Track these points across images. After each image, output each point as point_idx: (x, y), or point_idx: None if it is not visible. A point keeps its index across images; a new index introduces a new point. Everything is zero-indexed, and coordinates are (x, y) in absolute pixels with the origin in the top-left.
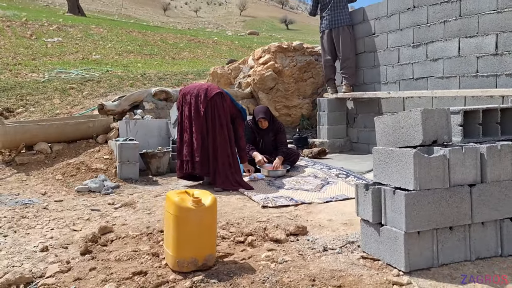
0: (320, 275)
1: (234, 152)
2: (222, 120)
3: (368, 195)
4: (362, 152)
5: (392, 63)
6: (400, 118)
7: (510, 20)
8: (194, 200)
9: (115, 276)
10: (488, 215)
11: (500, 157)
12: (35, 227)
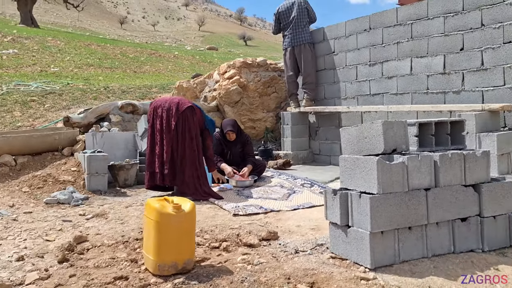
0: (294, 274)
1: (202, 164)
2: (192, 133)
3: (336, 199)
4: (324, 163)
5: (350, 80)
6: (363, 129)
7: (456, 43)
8: (174, 206)
9: (96, 281)
10: (442, 216)
11: (451, 164)
12: (6, 238)
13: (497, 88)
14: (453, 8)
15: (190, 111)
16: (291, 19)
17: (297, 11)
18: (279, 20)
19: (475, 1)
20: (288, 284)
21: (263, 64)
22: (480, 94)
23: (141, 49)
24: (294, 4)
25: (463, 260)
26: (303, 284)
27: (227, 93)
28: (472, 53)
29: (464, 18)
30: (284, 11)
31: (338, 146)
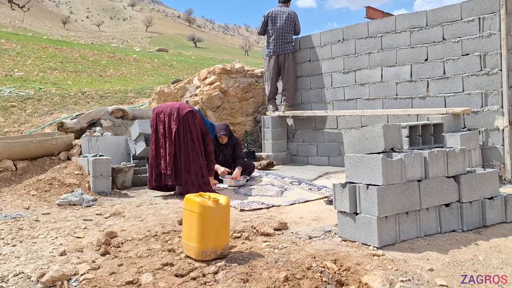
0: (318, 254)
1: (205, 164)
2: (194, 135)
3: (345, 191)
4: (302, 164)
5: (326, 86)
6: (364, 132)
7: (421, 54)
8: (214, 200)
9: (147, 267)
10: (431, 202)
11: (437, 159)
12: (37, 237)
13: (457, 94)
14: (418, 23)
15: (191, 115)
16: (278, 26)
17: (286, 20)
18: (266, 23)
19: (437, 18)
20: (316, 261)
21: (241, 71)
22: (443, 99)
23: (99, 52)
24: (285, 13)
25: (449, 238)
26: (328, 261)
27: (209, 98)
28: (435, 64)
29: (428, 32)
30: (274, 16)
31: (315, 147)
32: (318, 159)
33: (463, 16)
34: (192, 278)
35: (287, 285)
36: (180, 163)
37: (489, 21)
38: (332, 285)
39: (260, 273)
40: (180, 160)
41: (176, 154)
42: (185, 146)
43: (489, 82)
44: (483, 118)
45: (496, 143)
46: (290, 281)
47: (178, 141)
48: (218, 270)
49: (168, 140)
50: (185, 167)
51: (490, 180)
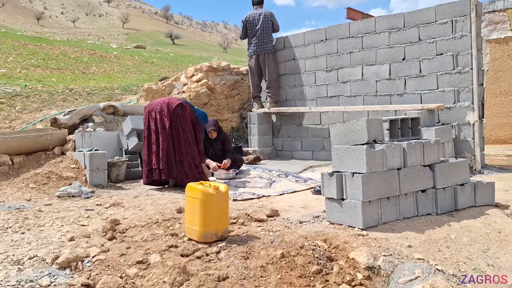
0: (309, 235)
1: (198, 155)
2: (185, 127)
3: (332, 179)
4: (287, 158)
5: (310, 84)
6: (350, 125)
7: (399, 54)
8: (214, 187)
9: (153, 249)
10: (409, 188)
11: (414, 150)
12: (44, 225)
13: (432, 91)
14: (396, 25)
15: (180, 108)
16: (257, 28)
17: (263, 22)
18: (246, 27)
19: (414, 20)
20: (307, 241)
21: (227, 68)
22: (419, 96)
23: (79, 49)
24: (261, 15)
25: (425, 220)
26: (319, 241)
27: (197, 95)
28: (412, 63)
29: (405, 33)
30: (252, 20)
31: (299, 142)
32: (303, 153)
33: (437, 19)
34: (197, 257)
35: (283, 261)
36: (174, 156)
37: (461, 23)
38: (323, 260)
39: (258, 252)
40: (173, 153)
41: (169, 149)
42: (177, 139)
43: (461, 80)
44: (456, 113)
45: (467, 136)
46: (286, 258)
47: (170, 135)
48: (220, 250)
49: (161, 136)
50: (179, 158)
51: (461, 168)
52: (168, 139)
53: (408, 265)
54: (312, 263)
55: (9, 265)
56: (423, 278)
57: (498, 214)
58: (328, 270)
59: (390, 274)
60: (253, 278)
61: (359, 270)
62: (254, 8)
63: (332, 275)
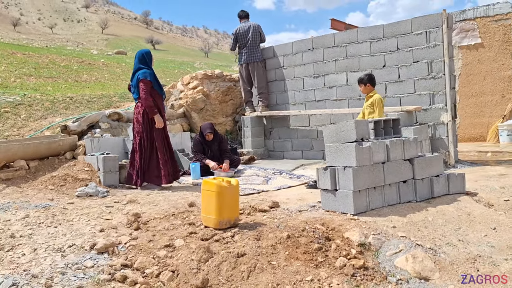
0: (309, 220)
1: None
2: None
3: (326, 173)
4: (278, 158)
5: (298, 89)
6: (340, 126)
7: (379, 61)
8: (227, 181)
9: (176, 235)
10: (392, 179)
11: (396, 146)
12: (72, 220)
13: (410, 94)
14: (376, 35)
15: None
16: (247, 39)
17: (252, 33)
18: (236, 39)
19: (393, 31)
20: (308, 225)
21: (220, 76)
22: (398, 99)
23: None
24: (250, 27)
25: (406, 206)
26: (318, 224)
27: (193, 101)
28: (392, 69)
29: (385, 43)
30: (242, 32)
31: (290, 143)
32: (293, 153)
33: (413, 30)
34: (215, 240)
35: (289, 241)
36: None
37: (434, 34)
38: (323, 240)
39: (267, 235)
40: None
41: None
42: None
43: (436, 85)
44: (432, 114)
45: (442, 134)
46: (291, 238)
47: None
48: (234, 235)
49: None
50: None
51: (436, 162)
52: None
53: (393, 241)
54: (313, 242)
55: (53, 252)
56: (406, 251)
57: (468, 200)
58: (327, 248)
59: (379, 249)
60: (266, 254)
61: (353, 247)
62: (242, 22)
63: (331, 251)
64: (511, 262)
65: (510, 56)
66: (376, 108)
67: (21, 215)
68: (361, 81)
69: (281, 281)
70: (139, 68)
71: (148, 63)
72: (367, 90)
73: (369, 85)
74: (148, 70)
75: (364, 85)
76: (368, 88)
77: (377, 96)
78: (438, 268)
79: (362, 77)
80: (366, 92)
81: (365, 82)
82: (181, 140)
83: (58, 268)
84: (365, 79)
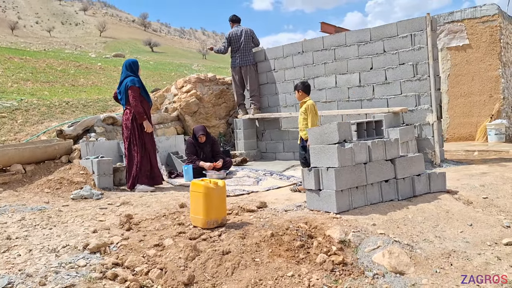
0: (293, 219)
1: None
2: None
3: (311, 173)
4: (271, 159)
5: (289, 92)
6: (324, 128)
7: (367, 64)
8: (214, 183)
9: (166, 235)
10: (374, 179)
11: (378, 147)
12: (67, 222)
13: (397, 96)
14: (364, 39)
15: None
16: (240, 43)
17: (244, 38)
18: (229, 43)
19: (379, 34)
20: (292, 223)
21: (213, 79)
22: (386, 101)
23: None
24: (242, 31)
25: (388, 205)
26: (301, 223)
27: (187, 104)
28: (379, 72)
29: (372, 46)
30: (234, 36)
31: (282, 144)
32: (285, 154)
33: (399, 33)
34: (203, 239)
35: (273, 239)
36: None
37: (419, 37)
38: (305, 237)
39: (252, 233)
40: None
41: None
42: (132, 152)
43: (421, 86)
44: (417, 115)
45: (428, 135)
46: (275, 236)
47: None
48: (221, 234)
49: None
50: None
51: (417, 161)
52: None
53: (372, 238)
54: (296, 240)
55: (47, 253)
56: (383, 247)
57: (448, 198)
58: (309, 245)
59: (358, 245)
60: (250, 252)
61: (333, 244)
62: (234, 26)
63: (313, 248)
64: (484, 257)
65: (497, 57)
66: (309, 114)
67: (17, 217)
68: (296, 88)
69: (263, 277)
70: (127, 76)
71: (135, 71)
72: (301, 97)
73: (302, 92)
74: (136, 78)
75: (298, 91)
76: (302, 95)
77: (310, 102)
78: (414, 263)
79: (297, 84)
80: (300, 99)
81: (298, 89)
82: (175, 143)
83: (52, 268)
84: (299, 86)
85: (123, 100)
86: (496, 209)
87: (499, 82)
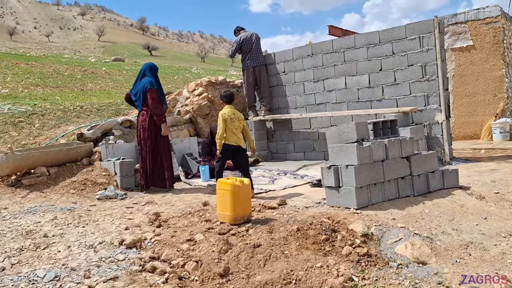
0: (315, 215)
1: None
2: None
3: (330, 171)
4: (281, 160)
5: (299, 93)
6: (342, 128)
7: (376, 66)
8: (240, 181)
9: (196, 231)
10: (391, 176)
11: (394, 145)
12: (97, 220)
13: (406, 96)
14: (373, 41)
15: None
16: (251, 45)
17: (255, 40)
18: (241, 46)
19: (388, 37)
20: (315, 219)
21: (224, 82)
22: (395, 101)
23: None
24: (253, 35)
25: (405, 201)
26: (324, 218)
27: (199, 107)
28: (388, 73)
29: (381, 48)
30: (246, 39)
31: (292, 145)
32: (295, 155)
33: (407, 35)
34: (232, 234)
35: (299, 233)
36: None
37: (427, 39)
38: (329, 231)
39: (278, 228)
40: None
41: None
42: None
43: (430, 87)
44: (427, 114)
45: (437, 133)
46: (301, 231)
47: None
48: (248, 229)
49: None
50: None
51: (431, 159)
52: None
53: (394, 232)
54: (321, 233)
55: (85, 248)
56: (405, 239)
57: (461, 193)
58: (334, 238)
59: (381, 238)
60: (279, 245)
61: (357, 237)
62: (244, 31)
63: (337, 241)
64: (500, 247)
65: (500, 57)
66: (220, 122)
67: (49, 217)
68: (220, 98)
69: (294, 268)
70: (144, 75)
71: (154, 73)
72: (223, 106)
73: (222, 102)
74: (154, 79)
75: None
76: (223, 104)
77: (221, 111)
78: (434, 253)
79: (222, 94)
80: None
81: (220, 98)
82: (188, 145)
83: (93, 262)
84: (221, 95)
85: (138, 102)
86: (508, 203)
87: (503, 82)
